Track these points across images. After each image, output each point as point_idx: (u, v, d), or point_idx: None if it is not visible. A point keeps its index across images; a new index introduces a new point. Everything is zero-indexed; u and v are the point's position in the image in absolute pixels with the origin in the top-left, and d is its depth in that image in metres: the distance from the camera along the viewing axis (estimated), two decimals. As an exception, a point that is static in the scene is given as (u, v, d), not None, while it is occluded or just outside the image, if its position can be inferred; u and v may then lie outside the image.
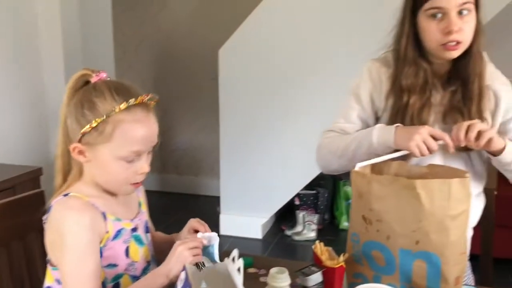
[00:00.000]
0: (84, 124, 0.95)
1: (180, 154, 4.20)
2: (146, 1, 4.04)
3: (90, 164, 0.99)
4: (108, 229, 0.99)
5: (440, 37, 1.17)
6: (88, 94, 0.96)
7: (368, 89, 1.32)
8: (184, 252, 0.95)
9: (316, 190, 3.54)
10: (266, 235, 3.41)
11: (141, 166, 0.99)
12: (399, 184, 1.01)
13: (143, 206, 1.14)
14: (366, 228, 1.07)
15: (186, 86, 4.06)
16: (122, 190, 1.03)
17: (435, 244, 1.00)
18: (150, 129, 0.98)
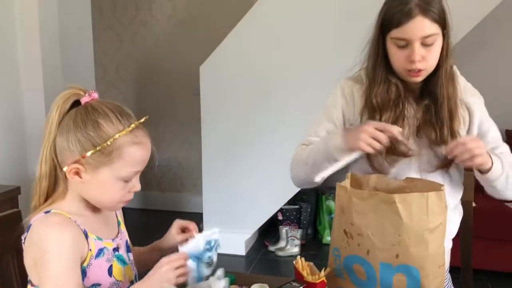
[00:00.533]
0: (88, 145, 0.94)
1: (163, 171, 4.18)
2: (126, 20, 4.06)
3: (83, 185, 0.98)
4: (90, 247, 0.98)
5: (404, 64, 1.20)
6: (90, 114, 0.95)
7: (340, 106, 1.35)
8: (169, 273, 0.95)
9: (299, 204, 3.55)
10: (250, 251, 3.40)
11: (133, 185, 1.01)
12: (378, 198, 1.02)
13: (122, 225, 1.13)
14: (347, 242, 1.08)
15: (168, 103, 4.06)
16: (113, 208, 1.05)
17: (415, 258, 1.01)
18: (149, 150, 1.01)
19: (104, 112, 0.96)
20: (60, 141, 0.96)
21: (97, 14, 3.97)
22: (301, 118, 2.97)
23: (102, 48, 4.06)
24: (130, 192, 1.01)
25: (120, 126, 0.96)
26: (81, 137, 0.94)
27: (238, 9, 3.41)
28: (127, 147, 0.96)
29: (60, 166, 0.98)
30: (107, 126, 0.95)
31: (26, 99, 2.64)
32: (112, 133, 0.95)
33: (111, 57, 4.13)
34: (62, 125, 0.96)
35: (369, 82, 1.28)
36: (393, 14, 1.18)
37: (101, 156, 0.95)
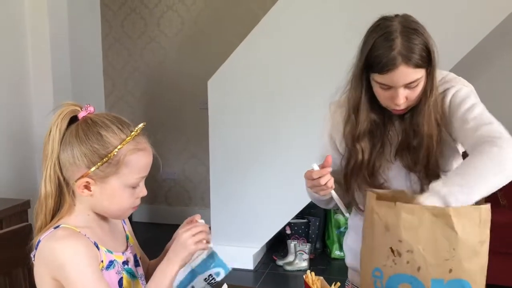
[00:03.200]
0: (94, 157, 0.95)
1: (170, 185, 4.18)
2: (135, 35, 4.10)
3: (92, 197, 0.98)
4: (102, 258, 0.98)
5: (388, 102, 1.19)
6: (92, 127, 0.96)
7: (327, 131, 1.36)
8: (187, 241, 1.00)
9: (307, 218, 3.53)
10: (258, 266, 3.37)
11: (140, 190, 1.02)
12: (431, 212, 1.00)
13: (131, 239, 1.13)
14: (393, 261, 1.04)
15: (176, 116, 4.09)
16: (124, 215, 1.06)
17: (468, 271, 1.00)
18: (151, 154, 1.02)
19: (104, 123, 0.97)
20: (64, 158, 0.97)
21: (106, 29, 4.03)
22: (309, 133, 2.97)
23: (111, 62, 4.11)
24: (137, 198, 1.03)
25: (123, 135, 0.98)
26: (86, 150, 0.95)
27: (246, 24, 3.44)
28: (132, 154, 0.97)
29: (67, 182, 0.99)
30: (110, 137, 0.96)
31: (35, 114, 2.67)
32: (116, 143, 0.96)
33: (120, 71, 4.18)
34: (64, 142, 0.97)
35: (351, 111, 1.26)
36: (376, 58, 1.13)
37: (108, 167, 0.96)
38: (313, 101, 2.96)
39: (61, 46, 2.68)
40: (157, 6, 4.03)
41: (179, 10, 3.98)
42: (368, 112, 1.23)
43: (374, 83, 1.18)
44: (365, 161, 1.25)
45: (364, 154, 1.24)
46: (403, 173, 1.25)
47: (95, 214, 1.02)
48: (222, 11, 3.86)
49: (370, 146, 1.25)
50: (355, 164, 1.26)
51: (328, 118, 1.36)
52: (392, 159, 1.25)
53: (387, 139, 1.26)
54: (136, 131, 0.99)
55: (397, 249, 1.03)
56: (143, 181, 1.03)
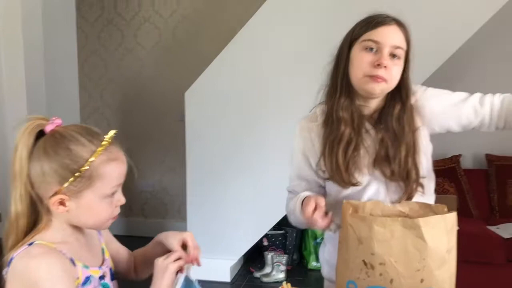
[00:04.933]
0: (66, 173, 0.92)
1: (147, 197, 4.15)
2: (112, 46, 4.08)
3: (69, 213, 0.96)
4: (78, 274, 0.96)
5: (369, 69, 1.18)
6: (60, 142, 0.93)
7: (300, 149, 1.34)
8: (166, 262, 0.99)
9: (284, 230, 3.54)
10: (235, 278, 3.36)
11: (118, 199, 1.00)
12: (402, 225, 1.02)
13: (106, 253, 1.12)
14: (366, 273, 1.05)
15: (153, 128, 4.07)
16: (105, 226, 1.03)
17: (438, 280, 1.02)
18: (125, 162, 1.00)
19: (73, 136, 0.94)
20: (35, 175, 0.93)
21: (82, 40, 4.00)
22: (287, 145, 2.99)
23: (87, 74, 4.08)
24: (117, 207, 1.01)
25: (93, 146, 0.95)
26: (56, 167, 0.92)
27: (223, 36, 3.46)
28: (105, 165, 0.95)
29: (41, 199, 0.95)
30: (80, 150, 0.93)
31: (8, 126, 2.62)
32: (87, 156, 0.93)
33: (96, 83, 4.14)
34: (32, 159, 0.93)
35: (334, 97, 1.26)
36: (371, 18, 1.21)
37: (81, 181, 0.93)
38: (290, 113, 2.97)
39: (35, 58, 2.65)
40: (134, 18, 4.02)
41: (156, 22, 3.99)
42: (348, 98, 1.24)
43: (359, 50, 1.21)
44: (346, 137, 1.23)
45: (346, 134, 1.24)
46: (381, 183, 1.27)
47: (72, 227, 1.00)
48: (199, 23, 3.88)
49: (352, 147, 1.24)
50: (338, 141, 1.24)
51: (298, 136, 1.34)
52: (370, 169, 1.26)
53: (364, 147, 1.26)
54: (107, 140, 0.96)
55: (370, 262, 1.04)
56: (120, 188, 1.00)
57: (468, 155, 3.30)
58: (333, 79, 1.27)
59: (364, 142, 1.26)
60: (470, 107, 1.25)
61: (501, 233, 2.91)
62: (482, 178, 3.36)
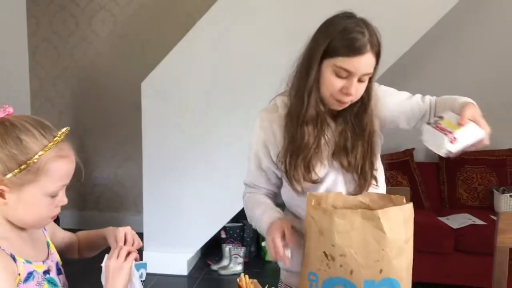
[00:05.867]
0: (11, 164, 0.89)
1: (101, 190, 4.04)
2: (65, 33, 3.94)
3: (7, 206, 0.92)
4: (19, 271, 0.92)
5: (336, 93, 1.20)
6: (10, 131, 0.90)
7: (261, 140, 1.32)
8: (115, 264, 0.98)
9: (242, 222, 3.55)
10: (192, 271, 3.34)
11: (60, 199, 0.97)
12: (362, 216, 1.03)
13: (52, 247, 1.08)
14: (327, 265, 1.06)
15: (108, 119, 3.96)
16: (41, 225, 1.02)
17: (396, 269, 1.04)
18: (73, 162, 0.97)
19: (25, 127, 0.91)
20: None
21: (33, 26, 3.83)
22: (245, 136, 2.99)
23: (38, 61, 3.91)
24: (57, 207, 0.98)
25: (45, 140, 0.92)
26: (2, 155, 0.89)
27: (182, 26, 3.41)
28: (53, 162, 0.92)
29: None
30: (31, 142, 0.90)
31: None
32: (36, 149, 0.90)
33: (48, 71, 3.98)
34: None
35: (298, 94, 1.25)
36: (348, 41, 1.15)
37: (27, 174, 0.90)
38: (248, 104, 2.98)
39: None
40: (89, 4, 3.89)
41: (112, 10, 3.87)
42: (316, 100, 1.23)
43: (329, 72, 1.18)
44: (308, 145, 1.24)
45: (309, 137, 1.24)
46: (339, 173, 1.29)
47: (10, 223, 0.96)
48: (157, 12, 3.80)
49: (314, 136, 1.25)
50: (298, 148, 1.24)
51: (258, 127, 1.33)
52: (329, 160, 1.28)
53: (325, 140, 1.27)
54: (59, 136, 0.94)
55: (331, 253, 1.05)
56: (64, 189, 0.98)
57: (420, 148, 3.40)
58: (301, 82, 1.24)
59: (324, 135, 1.27)
60: (415, 103, 1.33)
61: (450, 224, 3.03)
62: (434, 171, 3.48)
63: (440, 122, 1.15)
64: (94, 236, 1.19)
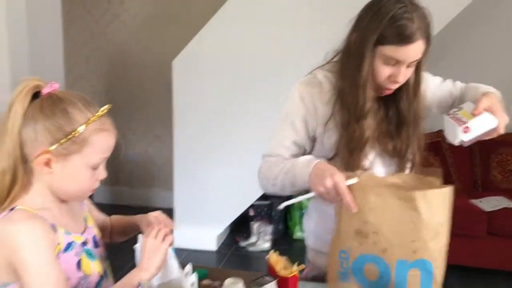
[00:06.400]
0: (58, 134, 0.93)
1: (133, 166, 4.13)
2: (97, 12, 3.98)
3: (51, 176, 0.96)
4: (59, 241, 0.96)
5: (384, 80, 1.18)
6: (57, 104, 0.94)
7: (301, 115, 1.27)
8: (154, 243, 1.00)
9: (271, 200, 3.57)
10: (221, 247, 3.40)
11: (100, 173, 1.01)
12: (398, 197, 1.02)
13: (89, 221, 1.12)
14: (359, 242, 1.06)
15: (140, 97, 4.01)
16: (81, 198, 1.05)
17: (430, 251, 1.04)
18: (114, 137, 1.02)
19: (70, 100, 0.96)
20: (26, 133, 0.94)
21: (67, 5, 3.89)
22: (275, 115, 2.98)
23: (72, 39, 3.98)
24: (97, 180, 1.02)
25: (89, 113, 0.97)
26: (50, 126, 0.93)
27: (213, 3, 3.39)
28: (97, 134, 0.97)
29: (25, 159, 0.96)
30: (76, 114, 0.95)
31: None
32: (82, 121, 0.95)
33: (82, 49, 4.05)
34: (27, 116, 0.94)
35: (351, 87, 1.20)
36: (397, 29, 1.11)
37: (72, 145, 0.94)
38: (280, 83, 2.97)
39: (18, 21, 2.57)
40: (121, -18, 3.91)
41: (144, -12, 3.89)
42: (371, 90, 1.19)
43: (378, 59, 1.15)
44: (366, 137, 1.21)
45: (368, 130, 1.20)
46: (380, 157, 1.28)
47: (52, 194, 1.00)
48: (188, -10, 3.79)
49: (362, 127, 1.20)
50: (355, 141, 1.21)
51: (299, 99, 1.27)
52: (374, 144, 1.26)
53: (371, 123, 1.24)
54: (102, 111, 0.98)
55: (364, 230, 1.05)
56: (104, 163, 1.02)
57: (454, 129, 3.33)
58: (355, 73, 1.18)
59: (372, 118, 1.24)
60: (448, 90, 1.34)
61: (483, 207, 2.97)
62: (466, 152, 3.40)
63: (458, 113, 1.17)
64: (126, 223, 1.21)
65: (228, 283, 0.96)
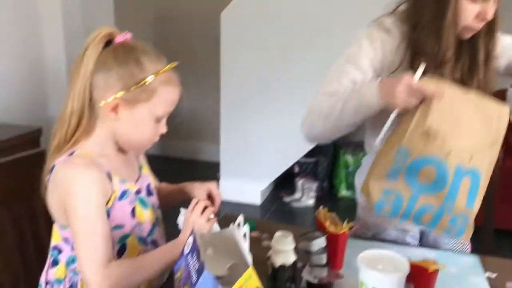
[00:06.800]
0: (130, 81, 0.95)
1: (181, 119, 4.18)
2: (147, -40, 3.94)
3: (117, 122, 0.98)
4: (114, 188, 0.99)
5: (471, 20, 1.11)
6: (131, 52, 0.97)
7: (368, 57, 1.22)
8: (198, 221, 0.99)
9: (316, 158, 3.55)
10: (265, 202, 3.44)
11: (162, 127, 1.04)
12: (473, 101, 1.05)
13: (144, 169, 1.14)
14: (425, 143, 1.04)
15: (187, 50, 4.00)
16: (141, 149, 1.08)
17: (484, 162, 1.06)
18: (179, 93, 1.04)
19: (143, 50, 0.99)
20: (98, 78, 0.96)
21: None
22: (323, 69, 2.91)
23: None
24: (158, 134, 1.04)
25: (159, 65, 0.99)
26: (123, 73, 0.95)
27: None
28: (165, 86, 0.99)
29: (93, 103, 0.98)
30: (148, 64, 0.97)
31: (46, 40, 2.62)
32: (152, 71, 0.97)
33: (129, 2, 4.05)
34: (99, 62, 0.96)
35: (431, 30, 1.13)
36: None
37: (141, 93, 0.96)
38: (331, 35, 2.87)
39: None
40: None
41: None
42: (454, 36, 1.13)
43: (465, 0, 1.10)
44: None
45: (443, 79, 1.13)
46: None
47: (113, 141, 1.02)
48: None
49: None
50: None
51: (368, 44, 1.21)
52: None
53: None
54: (171, 65, 1.01)
55: (431, 132, 1.03)
56: (166, 118, 1.04)
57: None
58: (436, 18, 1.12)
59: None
60: None
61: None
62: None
63: None
64: (174, 191, 1.20)
65: (278, 235, 0.96)
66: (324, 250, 1.01)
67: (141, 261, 0.97)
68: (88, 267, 0.93)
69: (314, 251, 1.01)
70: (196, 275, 0.77)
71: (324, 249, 1.01)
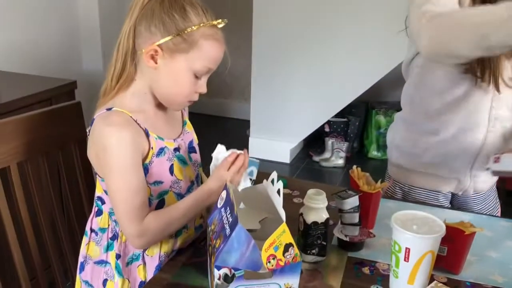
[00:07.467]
0: (171, 28, 0.94)
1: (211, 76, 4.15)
2: None
3: (155, 72, 0.97)
4: (152, 145, 0.99)
5: None
6: (179, 1, 0.95)
7: None
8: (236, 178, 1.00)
9: (347, 118, 3.50)
10: (294, 160, 3.44)
11: (201, 85, 1.01)
12: None
13: (188, 126, 1.13)
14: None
15: (218, 4, 3.93)
16: (178, 105, 1.05)
17: None
18: (223, 51, 1.01)
19: (191, 2, 0.96)
20: (142, 23, 0.95)
21: None
22: (359, 30, 2.82)
23: None
24: (196, 93, 1.01)
25: (205, 18, 0.96)
26: (166, 19, 0.94)
27: None
28: (208, 40, 0.96)
29: (135, 51, 0.97)
30: (193, 14, 0.94)
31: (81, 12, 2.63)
32: (197, 22, 0.94)
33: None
34: (146, 8, 0.95)
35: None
36: None
37: (181, 43, 0.94)
38: None
39: None
40: None
41: None
42: None
43: None
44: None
45: None
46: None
47: (152, 95, 1.01)
48: None
49: None
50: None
51: None
52: None
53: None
54: (218, 21, 0.98)
55: None
56: (207, 77, 1.01)
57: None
58: None
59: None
60: None
61: None
62: None
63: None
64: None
65: (312, 192, 0.95)
66: (357, 208, 1.00)
67: (175, 211, 0.99)
68: (124, 222, 0.95)
69: (346, 209, 1.00)
70: (229, 229, 0.77)
71: (357, 208, 1.00)
